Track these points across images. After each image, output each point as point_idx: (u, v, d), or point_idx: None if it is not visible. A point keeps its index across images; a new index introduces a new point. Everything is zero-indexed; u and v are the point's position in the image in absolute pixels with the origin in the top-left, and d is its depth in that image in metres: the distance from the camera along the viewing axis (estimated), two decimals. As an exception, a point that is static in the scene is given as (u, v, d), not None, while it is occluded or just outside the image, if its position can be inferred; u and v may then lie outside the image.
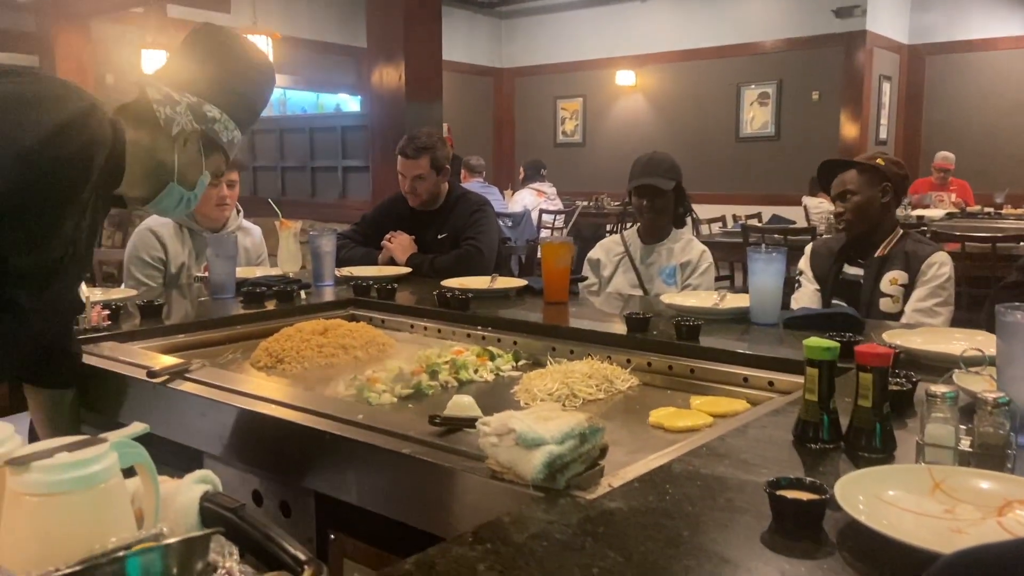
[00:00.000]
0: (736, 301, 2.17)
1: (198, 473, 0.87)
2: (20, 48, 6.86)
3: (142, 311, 2.11)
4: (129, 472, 0.80)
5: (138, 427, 0.78)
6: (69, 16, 6.38)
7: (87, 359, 1.73)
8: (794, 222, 6.84)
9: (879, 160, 2.59)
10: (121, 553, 0.61)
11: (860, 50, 8.57)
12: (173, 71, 1.56)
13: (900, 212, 2.70)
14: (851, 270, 2.59)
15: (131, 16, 7.15)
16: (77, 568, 0.60)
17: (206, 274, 2.63)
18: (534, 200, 7.65)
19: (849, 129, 8.63)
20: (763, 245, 3.72)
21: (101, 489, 0.70)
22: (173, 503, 0.84)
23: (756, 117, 9.34)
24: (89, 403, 1.71)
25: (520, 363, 1.94)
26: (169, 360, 1.70)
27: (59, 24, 6.33)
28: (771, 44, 9.16)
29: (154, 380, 1.55)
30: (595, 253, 3.02)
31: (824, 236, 4.36)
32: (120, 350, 1.80)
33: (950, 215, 6.82)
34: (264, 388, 1.56)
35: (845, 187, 2.56)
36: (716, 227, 7.56)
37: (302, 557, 0.79)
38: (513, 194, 8.02)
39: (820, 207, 7.37)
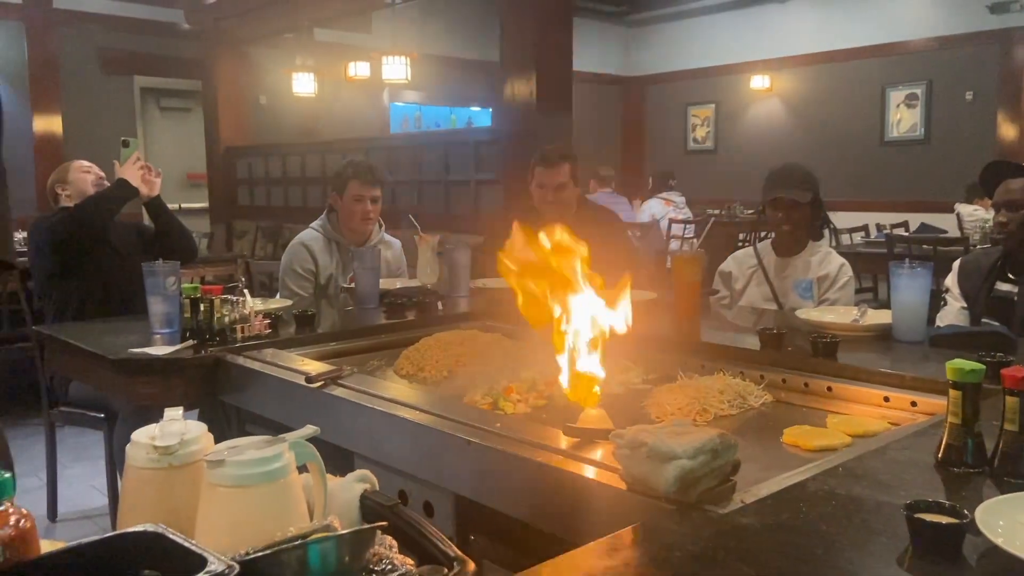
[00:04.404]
0: (877, 317, 2.10)
1: (358, 472, 0.96)
2: (185, 73, 7.52)
3: (297, 320, 2.28)
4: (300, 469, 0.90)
5: (310, 429, 0.88)
6: (228, 43, 6.93)
7: (251, 364, 1.90)
8: (945, 231, 6.45)
9: None
10: (304, 541, 0.70)
11: (1019, 47, 7.99)
12: None
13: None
14: (1003, 287, 2.43)
15: (283, 40, 7.66)
16: (267, 551, 0.69)
17: (352, 285, 2.79)
18: (662, 209, 7.59)
19: (1008, 130, 8.05)
20: (906, 260, 3.55)
21: (282, 483, 0.80)
22: (337, 498, 0.93)
23: (903, 119, 8.87)
24: (255, 403, 1.87)
25: (650, 376, 1.97)
26: (324, 367, 1.83)
27: (219, 50, 6.89)
28: (919, 43, 8.67)
29: (312, 385, 1.68)
30: (727, 266, 2.97)
31: (976, 249, 4.09)
32: (280, 356, 1.96)
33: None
34: (408, 395, 1.66)
35: (1013, 195, 2.35)
36: (858, 236, 7.24)
37: (452, 554, 0.86)
38: (642, 204, 7.99)
39: (975, 215, 6.90)
